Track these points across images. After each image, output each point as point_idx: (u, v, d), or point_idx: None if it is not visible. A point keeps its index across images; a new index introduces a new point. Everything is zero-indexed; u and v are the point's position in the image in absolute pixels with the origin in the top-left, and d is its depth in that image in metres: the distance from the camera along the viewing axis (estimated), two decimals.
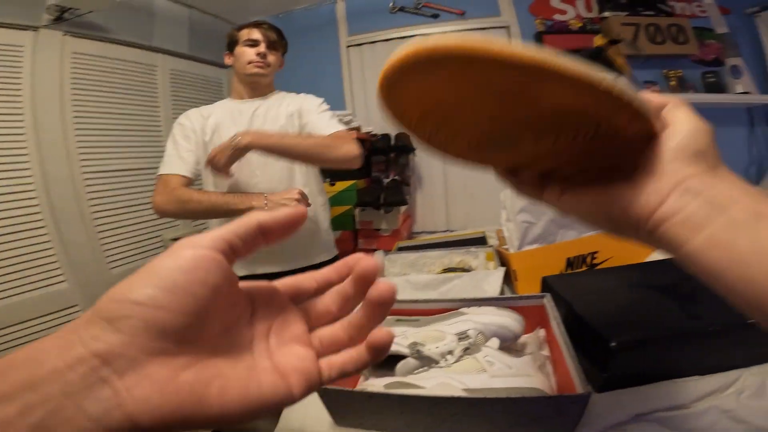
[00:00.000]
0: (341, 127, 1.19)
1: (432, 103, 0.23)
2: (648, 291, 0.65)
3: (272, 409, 0.20)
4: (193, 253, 0.19)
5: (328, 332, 0.24)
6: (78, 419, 0.15)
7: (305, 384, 0.21)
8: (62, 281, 1.49)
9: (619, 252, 0.84)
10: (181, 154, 1.13)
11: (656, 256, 0.87)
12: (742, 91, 2.11)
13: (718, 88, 2.17)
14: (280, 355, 0.22)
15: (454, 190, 2.36)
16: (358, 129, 1.94)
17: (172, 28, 2.02)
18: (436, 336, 0.74)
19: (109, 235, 1.62)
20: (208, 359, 0.19)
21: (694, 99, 2.12)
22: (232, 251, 0.20)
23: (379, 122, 2.36)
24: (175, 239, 1.73)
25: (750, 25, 2.22)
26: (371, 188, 1.82)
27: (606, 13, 2.19)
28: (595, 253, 0.85)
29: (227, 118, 1.19)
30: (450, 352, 0.70)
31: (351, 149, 1.11)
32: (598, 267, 0.86)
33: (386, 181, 1.90)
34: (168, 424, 0.16)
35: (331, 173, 1.83)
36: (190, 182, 1.13)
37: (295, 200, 1.05)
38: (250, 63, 1.18)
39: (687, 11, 2.25)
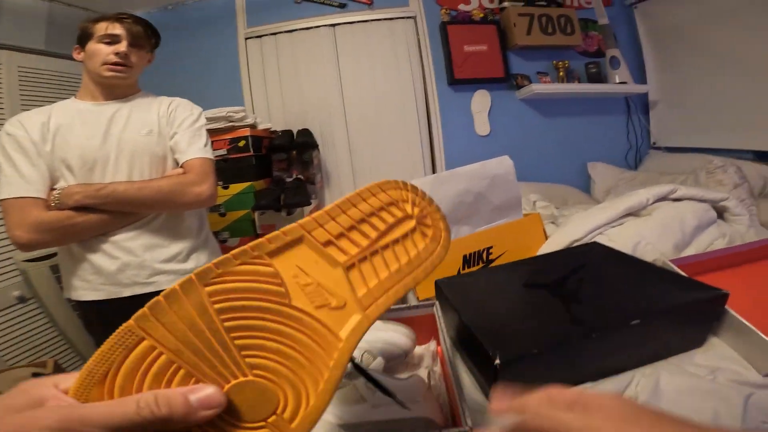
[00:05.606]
0: (203, 153, 1.04)
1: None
2: (536, 291, 0.61)
3: None
4: None
5: None
6: None
7: None
8: None
9: (512, 245, 0.82)
10: (22, 172, 0.93)
11: (545, 249, 0.84)
12: (620, 81, 2.22)
13: (599, 78, 2.29)
14: None
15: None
16: (253, 126, 1.75)
17: (23, 23, 1.75)
18: None
19: None
20: None
21: (578, 89, 2.23)
22: None
23: (280, 118, 2.20)
24: (30, 261, 1.42)
25: (628, 17, 2.38)
26: (270, 189, 1.65)
27: (505, 3, 2.22)
28: (491, 248, 0.81)
29: (75, 120, 0.99)
30: None
31: (200, 192, 1.00)
32: (493, 262, 0.82)
33: (288, 180, 1.73)
34: None
35: (224, 174, 1.63)
36: (46, 203, 0.93)
37: None
38: (104, 64, 0.99)
39: (575, 2, 2.37)
